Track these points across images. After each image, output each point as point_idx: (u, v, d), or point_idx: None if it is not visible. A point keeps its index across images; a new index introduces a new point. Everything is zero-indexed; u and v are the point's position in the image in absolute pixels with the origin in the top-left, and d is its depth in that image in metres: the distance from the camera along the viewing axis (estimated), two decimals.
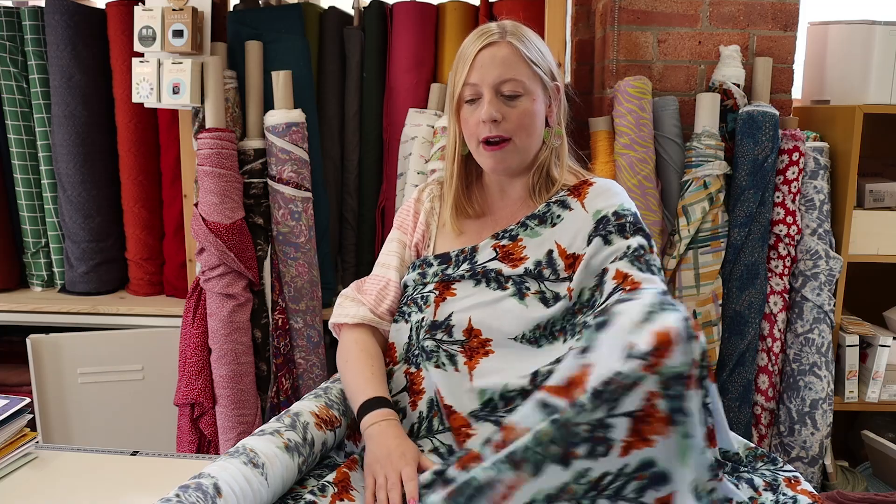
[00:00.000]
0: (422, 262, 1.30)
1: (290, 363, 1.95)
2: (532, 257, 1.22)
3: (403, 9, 2.05)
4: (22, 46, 2.11)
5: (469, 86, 1.21)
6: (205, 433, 1.87)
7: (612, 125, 1.96)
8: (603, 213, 1.21)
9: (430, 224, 1.35)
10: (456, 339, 1.20)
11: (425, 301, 1.24)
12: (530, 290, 1.20)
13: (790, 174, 1.94)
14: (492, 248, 1.25)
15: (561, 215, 1.24)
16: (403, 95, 2.05)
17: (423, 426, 1.19)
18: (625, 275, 1.12)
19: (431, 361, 1.19)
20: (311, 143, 1.97)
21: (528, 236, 1.24)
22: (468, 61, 1.21)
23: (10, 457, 1.20)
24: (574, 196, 1.25)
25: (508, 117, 1.20)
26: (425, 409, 1.19)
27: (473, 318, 1.19)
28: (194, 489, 0.94)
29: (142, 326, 2.06)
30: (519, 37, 1.22)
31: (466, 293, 1.22)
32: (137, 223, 2.16)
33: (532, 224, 1.25)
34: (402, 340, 1.26)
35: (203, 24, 1.85)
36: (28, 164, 2.17)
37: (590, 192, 1.25)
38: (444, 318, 1.21)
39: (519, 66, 1.20)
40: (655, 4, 2.01)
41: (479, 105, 1.21)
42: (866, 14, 2.06)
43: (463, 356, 1.18)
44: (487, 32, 1.22)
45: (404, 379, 1.23)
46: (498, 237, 1.26)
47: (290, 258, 1.94)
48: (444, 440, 1.16)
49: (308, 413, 1.19)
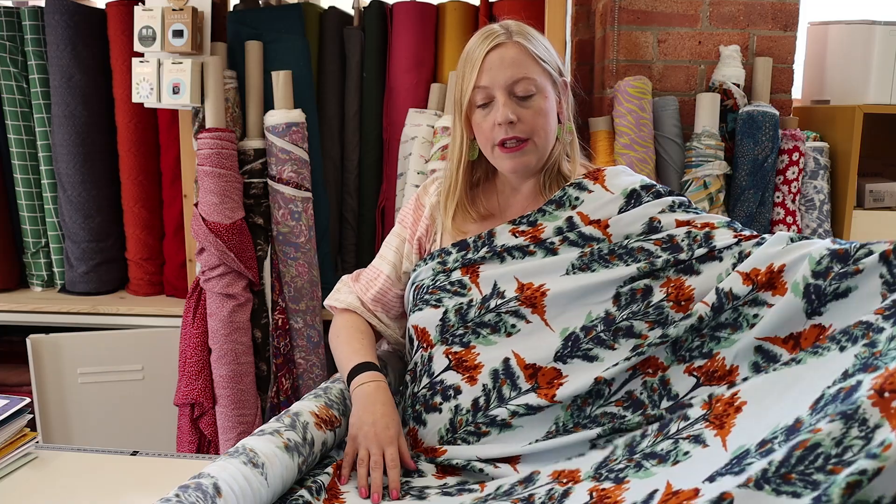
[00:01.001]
0: (440, 252, 1.29)
1: (290, 363, 1.95)
2: (552, 225, 1.24)
3: (403, 9, 2.05)
4: (22, 46, 2.11)
5: (480, 89, 1.20)
6: (205, 433, 1.87)
7: (612, 125, 1.96)
8: (631, 188, 1.25)
9: (435, 218, 1.34)
10: (509, 297, 1.20)
11: (462, 285, 1.24)
12: (555, 245, 1.22)
13: (790, 174, 1.94)
14: (510, 232, 1.25)
15: (580, 197, 1.26)
16: (403, 95, 2.05)
17: (492, 397, 1.18)
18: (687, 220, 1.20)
19: (500, 333, 1.19)
20: (311, 143, 1.97)
21: (548, 220, 1.25)
22: (476, 64, 1.20)
23: (10, 457, 1.20)
24: (591, 179, 1.27)
25: (524, 118, 1.20)
26: (489, 380, 1.18)
27: (519, 276, 1.21)
28: (194, 489, 0.94)
29: (142, 326, 2.06)
30: (525, 35, 1.22)
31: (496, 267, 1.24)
32: (137, 223, 2.16)
33: (550, 209, 1.26)
34: (433, 323, 1.25)
35: (203, 24, 1.85)
36: (28, 164, 2.17)
37: (607, 175, 1.28)
38: (492, 288, 1.22)
39: (529, 64, 1.20)
40: (655, 4, 2.01)
41: (493, 108, 1.20)
42: (866, 14, 2.06)
43: (525, 307, 1.19)
44: (493, 34, 1.21)
45: (446, 359, 1.22)
46: (515, 223, 1.26)
47: (290, 258, 1.94)
48: (519, 403, 1.15)
49: (308, 413, 1.19)
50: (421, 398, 1.23)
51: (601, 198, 1.25)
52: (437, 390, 1.21)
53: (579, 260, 1.19)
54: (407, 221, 1.37)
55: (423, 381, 1.24)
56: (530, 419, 1.15)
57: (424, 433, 1.22)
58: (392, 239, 1.38)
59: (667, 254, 1.17)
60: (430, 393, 1.22)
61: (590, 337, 1.15)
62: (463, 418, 1.18)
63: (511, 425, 1.16)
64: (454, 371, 1.21)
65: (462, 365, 1.20)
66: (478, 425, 1.17)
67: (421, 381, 1.25)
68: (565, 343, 1.16)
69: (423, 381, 1.24)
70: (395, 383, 1.41)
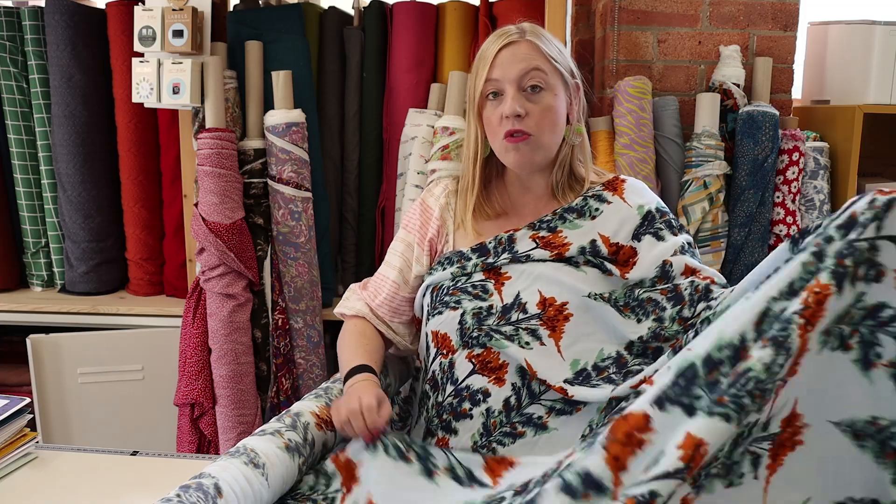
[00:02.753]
0: (458, 256, 1.28)
1: (290, 363, 1.95)
2: (576, 243, 1.24)
3: (403, 9, 2.05)
4: (22, 46, 2.11)
5: (491, 81, 1.22)
6: (205, 433, 1.87)
7: (612, 125, 1.96)
8: (647, 209, 1.27)
9: (446, 219, 1.34)
10: (532, 314, 1.20)
11: (484, 290, 1.24)
12: (581, 263, 1.23)
13: (790, 174, 1.94)
14: (530, 238, 1.25)
15: (599, 208, 1.27)
16: (403, 95, 2.05)
17: (523, 394, 1.18)
18: (693, 269, 1.22)
19: (514, 343, 1.19)
20: (311, 143, 1.97)
21: (568, 228, 1.25)
22: (489, 60, 1.22)
23: (10, 457, 1.20)
24: (610, 190, 1.29)
25: (531, 113, 1.21)
26: (517, 378, 1.19)
27: (542, 290, 1.21)
28: (195, 489, 0.94)
29: (142, 326, 2.06)
30: (538, 35, 1.25)
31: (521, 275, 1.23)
32: (137, 223, 2.16)
33: (570, 217, 1.27)
34: (453, 328, 1.24)
35: (203, 24, 1.85)
36: (28, 164, 2.17)
37: (626, 188, 1.29)
38: (514, 299, 1.22)
39: (540, 60, 1.22)
40: (655, 4, 2.01)
41: (502, 101, 1.22)
42: (866, 14, 2.06)
43: (544, 328, 1.19)
44: (507, 33, 1.24)
45: (469, 364, 1.21)
46: (535, 227, 1.26)
47: (290, 258, 1.94)
48: (549, 397, 1.17)
49: (309, 413, 1.19)
50: (448, 407, 1.22)
51: (619, 212, 1.26)
52: (465, 396, 1.20)
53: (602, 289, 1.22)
54: (413, 226, 1.36)
55: (448, 388, 1.23)
56: (567, 420, 1.16)
57: (456, 441, 1.20)
58: (397, 245, 1.37)
59: (671, 305, 1.20)
60: (457, 400, 1.21)
61: (601, 376, 1.17)
62: (496, 420, 1.18)
63: (547, 427, 1.16)
64: (479, 374, 1.20)
65: (487, 367, 1.20)
66: (514, 425, 1.17)
67: (445, 389, 1.23)
68: (576, 375, 1.18)
69: (447, 388, 1.23)
70: (396, 385, 1.41)
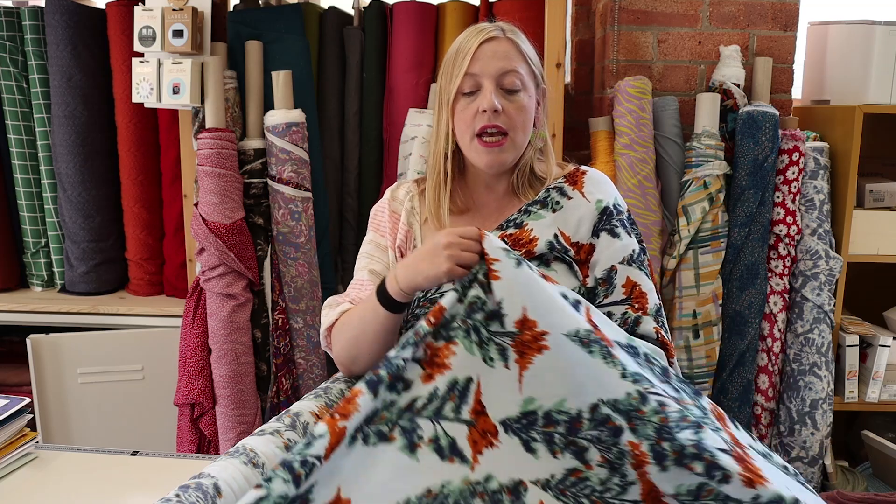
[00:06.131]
0: None
1: (290, 363, 1.95)
2: (542, 238, 1.23)
3: (403, 9, 2.05)
4: (22, 46, 2.11)
5: (469, 76, 1.21)
6: (205, 433, 1.88)
7: (612, 125, 1.96)
8: (605, 204, 1.25)
9: (412, 224, 1.33)
10: (508, 330, 1.04)
11: None
12: (550, 260, 1.22)
13: (790, 174, 1.94)
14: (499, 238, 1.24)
15: (560, 202, 1.26)
16: (403, 95, 2.05)
17: (431, 405, 1.02)
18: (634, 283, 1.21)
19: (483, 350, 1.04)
20: (311, 143, 1.97)
21: (533, 220, 1.25)
22: (469, 54, 1.21)
23: (10, 457, 1.20)
24: (570, 184, 1.28)
25: (507, 111, 1.21)
26: (443, 388, 1.02)
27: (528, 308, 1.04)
28: (194, 489, 0.94)
29: (142, 326, 2.06)
30: (517, 34, 1.25)
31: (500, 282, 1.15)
32: (137, 223, 2.16)
33: (534, 209, 1.26)
34: None
35: (203, 24, 1.85)
36: (28, 164, 2.17)
37: (586, 181, 1.28)
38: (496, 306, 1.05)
39: (519, 61, 1.23)
40: (655, 4, 2.01)
41: (478, 97, 1.21)
42: (866, 14, 2.06)
43: (514, 351, 1.03)
44: (486, 29, 1.24)
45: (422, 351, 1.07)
46: (503, 227, 1.26)
47: (290, 258, 1.94)
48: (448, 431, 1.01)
49: (308, 413, 1.19)
50: None
51: (578, 208, 1.25)
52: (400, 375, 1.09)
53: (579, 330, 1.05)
54: (384, 230, 1.34)
55: None
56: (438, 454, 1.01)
57: None
58: (366, 247, 1.35)
59: None
60: None
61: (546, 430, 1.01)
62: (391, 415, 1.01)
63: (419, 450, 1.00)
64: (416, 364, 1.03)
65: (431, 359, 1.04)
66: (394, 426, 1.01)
67: None
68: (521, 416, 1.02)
69: None
70: None
